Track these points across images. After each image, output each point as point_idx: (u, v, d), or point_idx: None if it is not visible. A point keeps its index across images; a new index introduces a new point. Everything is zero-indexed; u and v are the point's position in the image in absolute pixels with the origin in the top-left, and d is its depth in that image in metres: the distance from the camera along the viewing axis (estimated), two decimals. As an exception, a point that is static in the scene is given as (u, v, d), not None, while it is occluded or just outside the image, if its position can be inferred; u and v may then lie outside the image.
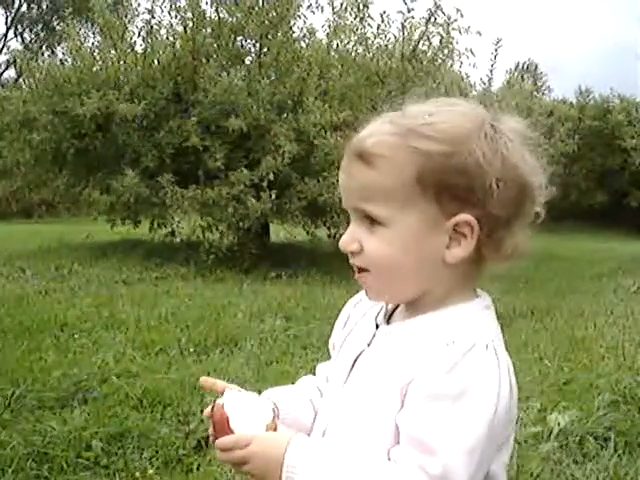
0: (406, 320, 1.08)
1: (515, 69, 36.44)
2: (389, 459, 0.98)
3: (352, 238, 1.05)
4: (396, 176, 0.99)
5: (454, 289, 1.05)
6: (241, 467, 1.03)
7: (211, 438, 1.09)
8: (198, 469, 3.15)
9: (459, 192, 0.99)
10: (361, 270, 1.06)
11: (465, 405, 0.94)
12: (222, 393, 1.11)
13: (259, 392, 1.17)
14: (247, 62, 11.07)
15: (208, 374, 4.32)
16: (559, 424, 3.50)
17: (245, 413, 1.06)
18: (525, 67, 38.44)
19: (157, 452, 3.28)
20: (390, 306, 1.14)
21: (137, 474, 3.06)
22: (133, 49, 11.01)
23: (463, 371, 0.95)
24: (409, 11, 10.69)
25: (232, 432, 1.04)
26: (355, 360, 1.11)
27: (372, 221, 1.03)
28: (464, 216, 0.99)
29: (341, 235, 1.09)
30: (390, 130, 1.01)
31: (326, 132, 9.26)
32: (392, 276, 1.04)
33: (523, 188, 1.02)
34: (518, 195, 1.01)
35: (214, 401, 1.09)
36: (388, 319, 1.13)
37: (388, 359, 1.04)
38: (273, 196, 9.32)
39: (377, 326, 1.12)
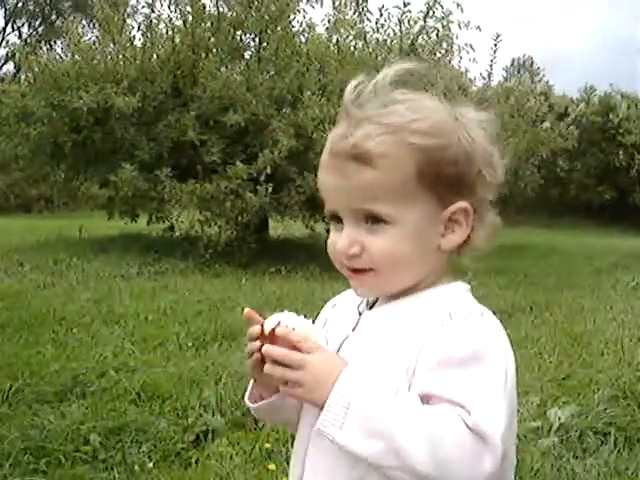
0: (394, 302, 1.08)
1: (511, 65, 36.47)
2: None
3: (351, 241, 1.04)
4: (399, 174, 1.00)
5: (441, 274, 1.08)
6: (292, 372, 0.99)
7: (258, 355, 1.13)
8: (196, 463, 3.14)
9: (454, 182, 1.02)
10: (362, 271, 1.05)
11: (480, 367, 0.94)
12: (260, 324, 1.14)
13: None
14: (246, 57, 11.06)
15: (207, 368, 4.32)
16: (559, 419, 3.49)
17: (302, 324, 1.08)
18: (522, 63, 38.39)
19: (155, 446, 3.27)
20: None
21: (135, 468, 3.06)
22: (132, 43, 10.98)
23: (470, 336, 0.96)
24: (405, 5, 10.69)
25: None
26: (340, 346, 1.10)
27: (374, 221, 1.02)
28: (460, 204, 1.03)
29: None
30: (381, 129, 1.00)
31: (325, 127, 9.23)
32: (396, 271, 1.04)
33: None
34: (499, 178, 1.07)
35: (261, 325, 1.13)
36: (371, 307, 1.12)
37: (381, 340, 1.03)
38: (270, 189, 9.29)
39: (359, 314, 1.12)
